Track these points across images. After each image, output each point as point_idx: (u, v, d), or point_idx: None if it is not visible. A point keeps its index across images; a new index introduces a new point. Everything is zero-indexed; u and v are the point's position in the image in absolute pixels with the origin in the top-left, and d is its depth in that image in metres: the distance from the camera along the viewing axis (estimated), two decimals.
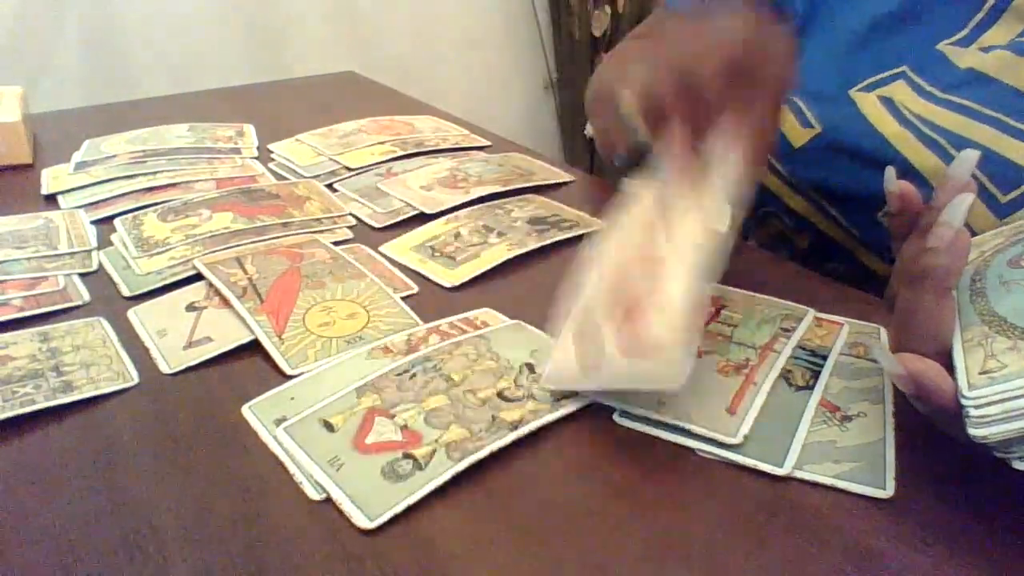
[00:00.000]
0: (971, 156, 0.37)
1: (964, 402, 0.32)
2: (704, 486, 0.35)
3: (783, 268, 0.55)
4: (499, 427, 0.37)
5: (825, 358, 0.43)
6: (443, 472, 0.35)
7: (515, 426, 0.37)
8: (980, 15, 0.51)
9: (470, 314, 0.47)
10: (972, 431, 0.31)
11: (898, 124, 0.51)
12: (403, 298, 0.49)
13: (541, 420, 0.38)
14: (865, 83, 0.54)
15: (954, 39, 0.52)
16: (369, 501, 0.33)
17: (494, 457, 0.36)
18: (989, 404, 0.31)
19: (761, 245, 0.65)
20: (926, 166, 0.50)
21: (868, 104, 0.53)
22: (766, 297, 0.48)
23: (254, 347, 0.44)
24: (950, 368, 0.33)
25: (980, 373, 0.32)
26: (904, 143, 0.51)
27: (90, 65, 1.53)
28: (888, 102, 0.52)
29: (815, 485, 0.35)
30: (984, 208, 0.47)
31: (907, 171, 0.50)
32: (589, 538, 0.32)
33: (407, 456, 0.35)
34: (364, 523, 0.32)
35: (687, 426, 0.37)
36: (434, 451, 0.36)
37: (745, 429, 0.37)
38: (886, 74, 0.53)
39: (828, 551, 0.32)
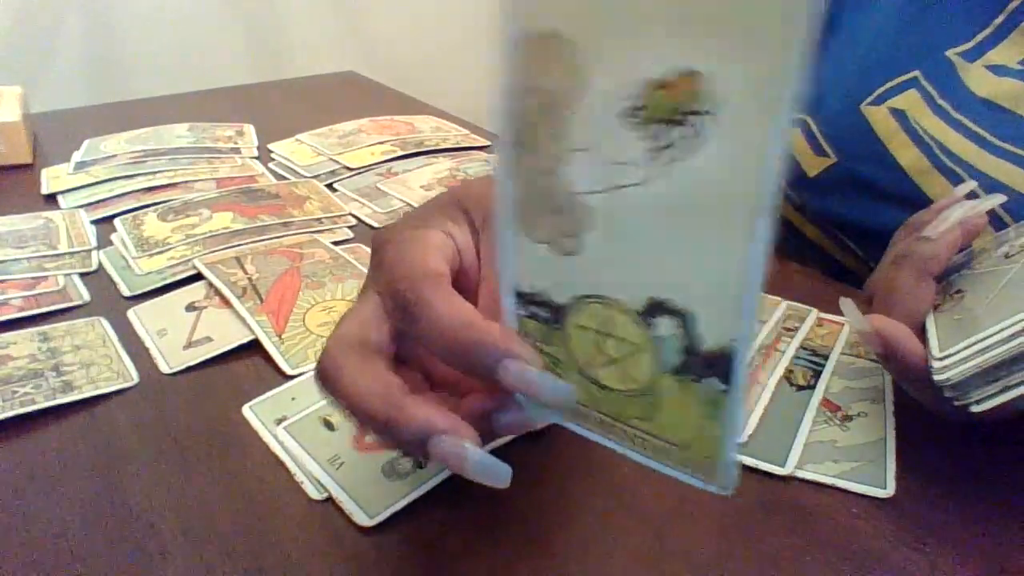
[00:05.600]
0: (995, 198, 0.40)
1: (931, 351, 0.33)
2: None
3: (784, 267, 0.55)
4: None
5: (826, 358, 0.43)
6: (442, 469, 0.34)
7: None
8: (988, 31, 0.50)
9: None
10: (936, 377, 0.32)
11: (913, 145, 0.50)
12: None
13: None
14: (876, 93, 0.52)
15: (960, 49, 0.51)
16: (369, 499, 0.33)
17: (494, 456, 0.36)
18: (954, 354, 0.32)
19: None
20: (942, 196, 0.48)
21: (880, 121, 0.51)
22: (769, 296, 0.48)
23: (254, 347, 0.44)
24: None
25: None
26: (923, 176, 0.49)
27: (90, 65, 1.53)
28: (901, 116, 0.51)
29: (815, 485, 0.35)
30: None
31: (924, 204, 0.48)
32: (588, 537, 0.32)
33: (407, 454, 0.35)
34: (364, 521, 0.32)
35: None
36: None
37: (750, 429, 0.37)
38: (897, 80, 0.52)
39: (828, 551, 0.32)
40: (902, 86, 0.52)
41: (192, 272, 0.52)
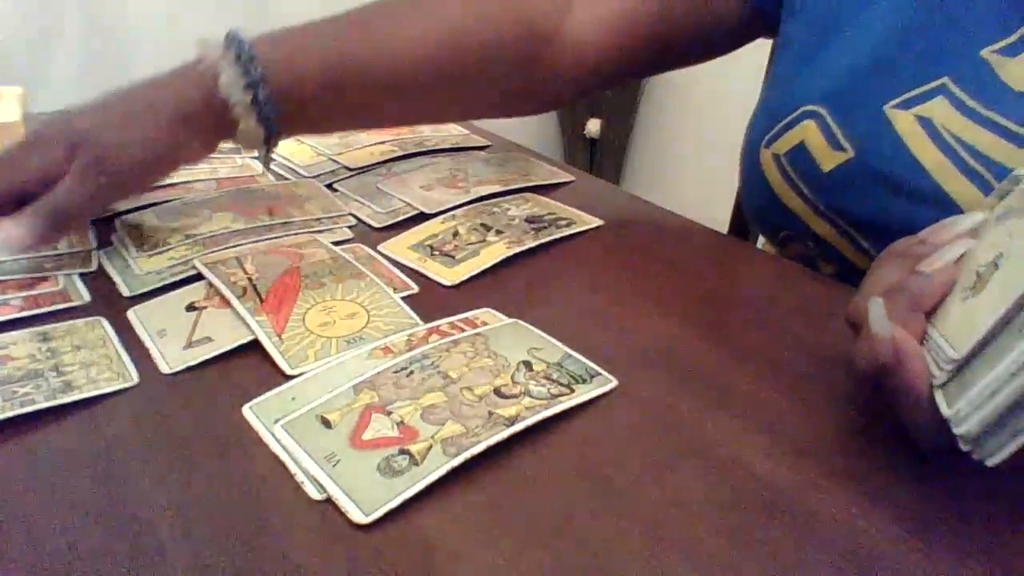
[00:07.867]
0: (977, 217, 0.38)
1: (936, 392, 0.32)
2: (704, 486, 0.35)
3: (782, 265, 0.55)
4: (495, 423, 0.37)
5: None
6: (439, 467, 0.35)
7: (511, 422, 0.37)
8: None
9: (470, 314, 0.47)
10: (957, 430, 0.31)
11: (937, 150, 0.48)
12: (403, 298, 0.49)
13: (537, 416, 0.38)
14: (902, 98, 0.50)
15: (999, 45, 0.48)
16: (365, 496, 0.33)
17: (493, 456, 0.36)
18: (968, 402, 0.31)
19: None
20: (964, 197, 0.47)
21: (905, 125, 0.50)
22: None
23: (254, 347, 0.44)
24: None
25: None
26: (942, 172, 0.48)
27: (90, 65, 1.53)
28: (927, 123, 0.49)
29: (815, 485, 0.35)
30: None
31: (943, 201, 0.47)
32: (587, 537, 0.32)
33: (403, 452, 0.36)
34: (360, 518, 0.32)
35: None
36: (430, 447, 0.36)
37: None
38: (925, 87, 0.50)
39: (828, 551, 0.32)
40: (929, 94, 0.50)
41: (192, 272, 0.52)
